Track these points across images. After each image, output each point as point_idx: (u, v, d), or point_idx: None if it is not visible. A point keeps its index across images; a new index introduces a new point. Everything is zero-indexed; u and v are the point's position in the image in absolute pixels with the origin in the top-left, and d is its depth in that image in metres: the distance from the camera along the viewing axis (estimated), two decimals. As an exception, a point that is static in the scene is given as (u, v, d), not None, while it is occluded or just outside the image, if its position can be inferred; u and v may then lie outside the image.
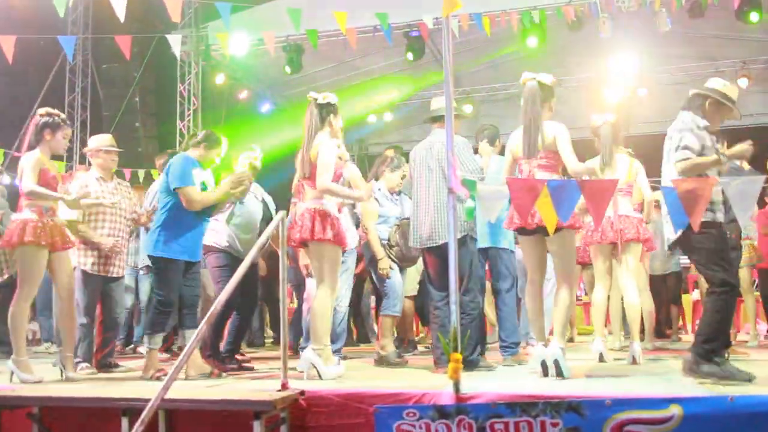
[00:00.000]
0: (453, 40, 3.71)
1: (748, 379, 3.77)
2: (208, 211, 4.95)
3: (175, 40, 7.61)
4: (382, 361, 5.49)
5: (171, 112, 10.85)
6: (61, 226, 4.92)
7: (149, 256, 4.85)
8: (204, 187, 4.87)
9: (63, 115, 4.98)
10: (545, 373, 4.14)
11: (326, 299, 4.45)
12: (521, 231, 4.39)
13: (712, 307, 3.90)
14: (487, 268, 5.64)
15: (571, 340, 6.57)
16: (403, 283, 5.91)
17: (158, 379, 4.55)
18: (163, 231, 4.74)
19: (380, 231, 5.74)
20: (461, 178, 3.81)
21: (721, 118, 4.19)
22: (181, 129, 10.68)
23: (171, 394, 3.23)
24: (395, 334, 6.75)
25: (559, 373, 4.12)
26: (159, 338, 4.81)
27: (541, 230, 4.21)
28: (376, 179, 6.05)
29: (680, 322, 9.09)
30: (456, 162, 4.51)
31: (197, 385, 4.32)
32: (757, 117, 12.49)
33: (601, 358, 5.32)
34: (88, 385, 4.53)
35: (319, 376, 4.27)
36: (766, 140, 5.43)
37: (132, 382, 4.78)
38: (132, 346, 7.36)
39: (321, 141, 4.51)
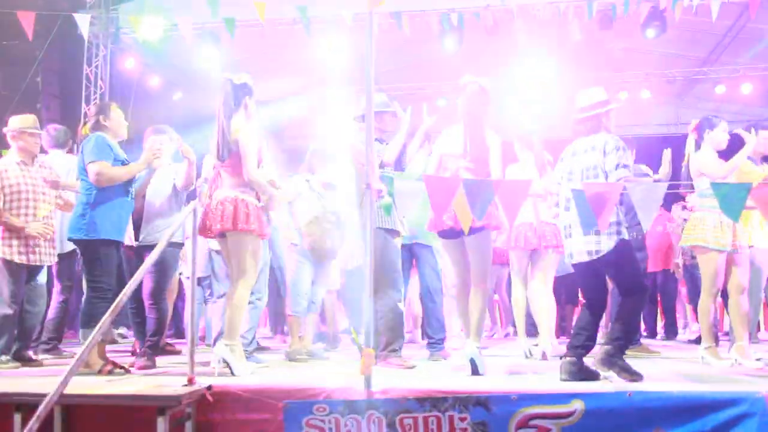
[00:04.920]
0: (374, 37, 3.70)
1: (640, 376, 3.89)
2: (128, 188, 4.74)
3: (83, 20, 7.26)
4: (290, 358, 5.45)
5: (76, 96, 10.35)
6: None
7: (75, 241, 4.56)
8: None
9: None
10: (473, 372, 4.20)
11: (245, 293, 4.33)
12: (442, 234, 4.46)
13: (621, 311, 4.07)
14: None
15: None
16: (310, 279, 5.81)
17: (110, 372, 4.38)
18: (91, 211, 4.49)
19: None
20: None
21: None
22: (86, 113, 10.23)
23: (69, 389, 3.08)
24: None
25: (475, 371, 4.19)
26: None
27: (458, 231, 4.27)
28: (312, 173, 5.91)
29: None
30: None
31: (98, 379, 4.14)
32: (656, 127, 13.15)
33: (527, 354, 5.50)
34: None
35: (231, 372, 4.16)
36: (666, 149, 5.69)
37: (28, 376, 4.53)
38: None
39: (240, 125, 4.33)
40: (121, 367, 4.53)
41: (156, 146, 4.82)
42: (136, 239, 5.25)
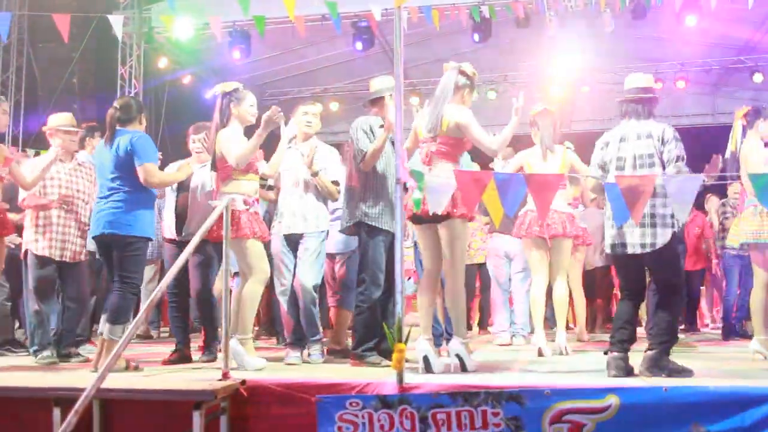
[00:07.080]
0: (402, 32, 3.69)
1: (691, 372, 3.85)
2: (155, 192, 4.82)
3: (116, 21, 7.33)
4: (340, 354, 5.24)
5: (111, 95, 10.51)
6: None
7: (113, 236, 4.45)
8: None
9: None
10: (427, 369, 4.02)
11: (254, 289, 4.46)
12: (414, 220, 4.30)
13: (665, 310, 3.98)
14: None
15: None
16: None
17: (136, 369, 4.43)
18: (131, 208, 4.49)
19: None
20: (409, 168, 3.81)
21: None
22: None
23: (107, 384, 3.15)
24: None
25: (463, 368, 4.08)
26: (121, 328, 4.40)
27: (435, 218, 4.13)
28: None
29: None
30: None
31: (135, 374, 4.22)
32: (692, 118, 12.90)
33: (540, 353, 5.29)
34: (20, 374, 4.38)
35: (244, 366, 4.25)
36: (701, 140, 5.58)
37: (67, 371, 4.63)
38: None
39: (222, 132, 4.54)
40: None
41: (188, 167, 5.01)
42: (179, 233, 5.25)
